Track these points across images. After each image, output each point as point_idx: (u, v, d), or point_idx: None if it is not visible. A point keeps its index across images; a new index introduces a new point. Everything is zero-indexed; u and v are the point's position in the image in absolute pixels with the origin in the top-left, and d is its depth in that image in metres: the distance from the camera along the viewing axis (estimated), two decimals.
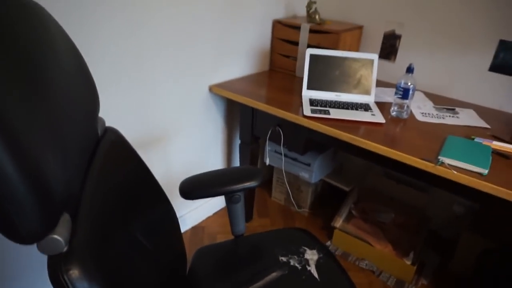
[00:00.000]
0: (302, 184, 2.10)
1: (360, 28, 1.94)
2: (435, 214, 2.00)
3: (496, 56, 1.65)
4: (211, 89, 1.74)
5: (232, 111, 1.96)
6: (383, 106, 1.58)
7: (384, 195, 2.10)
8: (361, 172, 2.24)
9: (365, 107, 1.54)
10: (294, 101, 1.59)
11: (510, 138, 1.39)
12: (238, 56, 1.85)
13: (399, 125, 1.43)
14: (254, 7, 1.82)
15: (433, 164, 1.16)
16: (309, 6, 1.86)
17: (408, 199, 2.04)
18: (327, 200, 2.22)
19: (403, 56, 1.91)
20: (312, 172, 1.95)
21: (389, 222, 1.90)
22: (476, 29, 1.67)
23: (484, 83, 1.71)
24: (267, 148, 1.93)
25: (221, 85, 1.74)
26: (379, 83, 1.89)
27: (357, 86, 1.62)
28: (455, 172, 1.12)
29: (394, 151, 1.23)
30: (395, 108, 1.50)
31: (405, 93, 1.45)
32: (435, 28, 1.77)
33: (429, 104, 1.69)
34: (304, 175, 1.99)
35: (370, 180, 2.18)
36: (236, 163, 2.13)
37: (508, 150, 1.29)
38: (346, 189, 2.05)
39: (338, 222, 1.89)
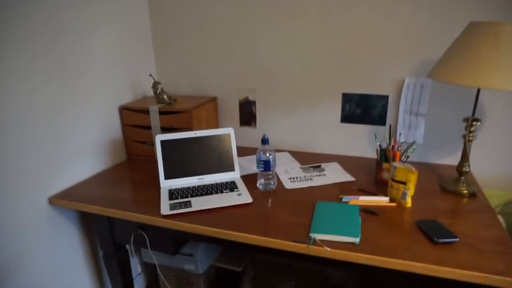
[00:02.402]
0: (191, 276, 1.85)
1: (214, 100, 1.87)
2: (334, 270, 1.93)
3: (343, 109, 1.71)
4: (51, 201, 1.44)
5: (87, 217, 1.65)
6: (250, 179, 1.48)
7: (280, 263, 1.97)
8: None
9: (231, 187, 1.41)
10: (154, 197, 1.38)
11: (373, 188, 1.39)
12: (84, 153, 1.59)
13: (268, 200, 1.33)
14: (95, 97, 1.61)
15: (306, 245, 1.06)
16: (154, 87, 1.73)
17: (305, 262, 1.95)
18: (224, 286, 2.00)
19: (263, 120, 1.88)
20: (197, 262, 1.73)
21: None
22: (322, 86, 1.72)
23: (340, 134, 1.76)
24: (134, 256, 1.65)
25: (65, 194, 1.45)
26: (246, 151, 1.82)
27: (220, 164, 1.49)
28: (328, 249, 1.03)
29: (265, 238, 1.10)
30: (261, 181, 1.41)
31: (266, 165, 1.37)
32: (285, 90, 1.79)
33: (296, 165, 1.65)
34: (189, 267, 1.75)
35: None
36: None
37: (375, 204, 1.27)
38: (239, 269, 1.87)
39: None
